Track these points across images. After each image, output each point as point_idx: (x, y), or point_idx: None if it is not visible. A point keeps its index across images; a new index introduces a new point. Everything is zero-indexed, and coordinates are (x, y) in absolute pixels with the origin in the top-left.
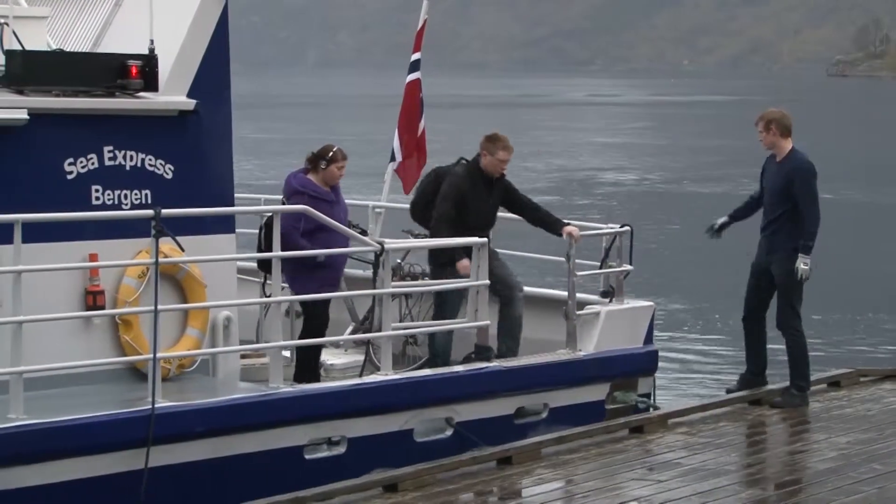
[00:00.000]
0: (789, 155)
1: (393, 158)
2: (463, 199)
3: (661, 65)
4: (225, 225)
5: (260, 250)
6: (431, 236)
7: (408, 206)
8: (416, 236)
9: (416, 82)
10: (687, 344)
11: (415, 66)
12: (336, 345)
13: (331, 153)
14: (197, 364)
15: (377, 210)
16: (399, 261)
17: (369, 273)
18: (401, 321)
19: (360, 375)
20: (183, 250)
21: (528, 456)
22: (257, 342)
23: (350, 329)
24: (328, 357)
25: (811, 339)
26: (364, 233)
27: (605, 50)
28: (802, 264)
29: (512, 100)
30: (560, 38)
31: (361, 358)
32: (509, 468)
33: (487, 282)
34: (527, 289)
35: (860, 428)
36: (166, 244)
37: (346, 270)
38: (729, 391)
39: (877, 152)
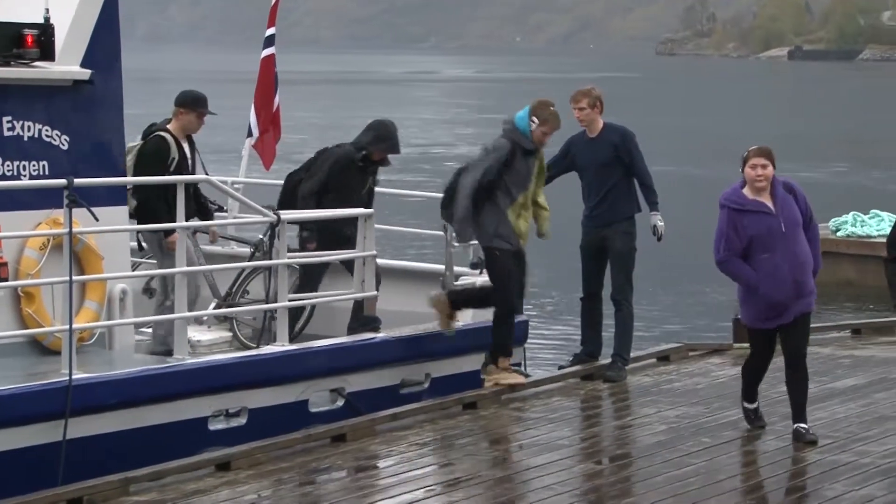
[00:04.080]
0: (606, 127)
1: (250, 134)
2: None
3: (494, 42)
4: (118, 197)
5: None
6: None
7: (270, 181)
8: None
9: (271, 57)
10: (554, 314)
11: (269, 41)
12: (200, 320)
13: (746, 152)
14: (96, 337)
15: (236, 186)
16: (261, 236)
17: (229, 249)
18: (266, 296)
19: (257, 346)
20: (97, 220)
21: (362, 433)
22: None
23: (213, 305)
24: (193, 333)
25: (641, 314)
26: (221, 209)
27: (437, 27)
28: (659, 221)
29: (348, 76)
30: (392, 14)
31: (227, 334)
32: (343, 445)
33: (375, 252)
34: (400, 262)
35: (689, 402)
36: (61, 215)
37: (204, 247)
38: (561, 367)
39: (700, 128)
